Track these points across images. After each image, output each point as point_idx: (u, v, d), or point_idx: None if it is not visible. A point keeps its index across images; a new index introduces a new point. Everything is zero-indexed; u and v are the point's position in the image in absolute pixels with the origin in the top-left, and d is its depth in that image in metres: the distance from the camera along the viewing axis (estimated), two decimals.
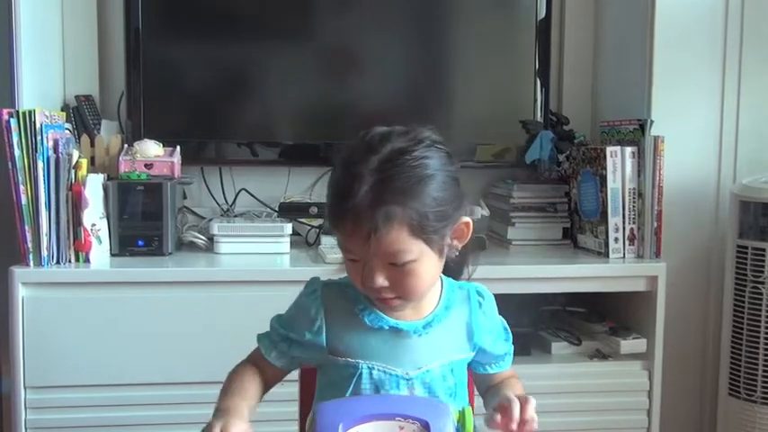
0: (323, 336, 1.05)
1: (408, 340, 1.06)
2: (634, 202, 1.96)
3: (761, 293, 1.86)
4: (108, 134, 2.01)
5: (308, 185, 2.28)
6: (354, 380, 1.04)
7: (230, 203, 2.21)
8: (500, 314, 1.18)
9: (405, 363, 1.05)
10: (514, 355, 1.98)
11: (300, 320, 1.07)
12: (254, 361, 1.13)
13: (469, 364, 1.14)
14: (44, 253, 1.71)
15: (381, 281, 0.99)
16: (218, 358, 1.72)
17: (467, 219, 1.05)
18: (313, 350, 1.07)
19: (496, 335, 1.15)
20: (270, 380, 1.12)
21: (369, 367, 1.04)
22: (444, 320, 1.08)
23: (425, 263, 1.00)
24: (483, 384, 1.18)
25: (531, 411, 1.00)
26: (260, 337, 1.13)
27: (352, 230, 0.97)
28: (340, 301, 1.07)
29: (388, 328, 1.05)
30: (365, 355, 1.05)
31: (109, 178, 1.86)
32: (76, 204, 1.74)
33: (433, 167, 1.00)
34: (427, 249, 0.99)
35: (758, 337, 1.86)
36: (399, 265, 0.98)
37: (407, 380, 1.05)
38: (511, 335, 1.18)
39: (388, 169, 0.97)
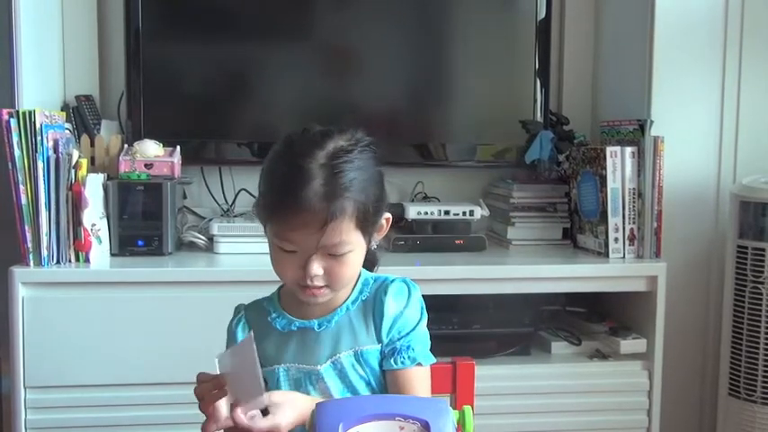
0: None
1: (314, 335, 1.11)
2: (634, 202, 1.96)
3: (761, 293, 1.86)
4: (108, 134, 2.01)
5: None
6: (275, 385, 1.10)
7: (230, 203, 2.21)
8: (500, 314, 1.18)
9: (315, 357, 1.10)
10: (514, 355, 1.99)
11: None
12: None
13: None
14: (44, 253, 1.71)
15: (318, 270, 1.04)
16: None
17: (389, 215, 1.14)
18: None
19: (392, 326, 1.11)
20: None
21: (285, 369, 1.11)
22: (350, 312, 1.12)
23: (359, 253, 1.08)
24: (388, 385, 1.13)
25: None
26: None
27: (303, 222, 1.01)
28: (259, 317, 1.15)
29: (296, 328, 1.12)
30: (280, 358, 1.11)
31: (109, 178, 1.86)
32: (76, 204, 1.74)
33: (370, 167, 1.08)
34: (362, 241, 1.07)
35: (758, 337, 1.86)
36: (338, 256, 1.04)
37: (317, 373, 1.10)
38: (419, 335, 1.13)
39: (335, 165, 1.03)
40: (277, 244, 1.05)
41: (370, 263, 1.18)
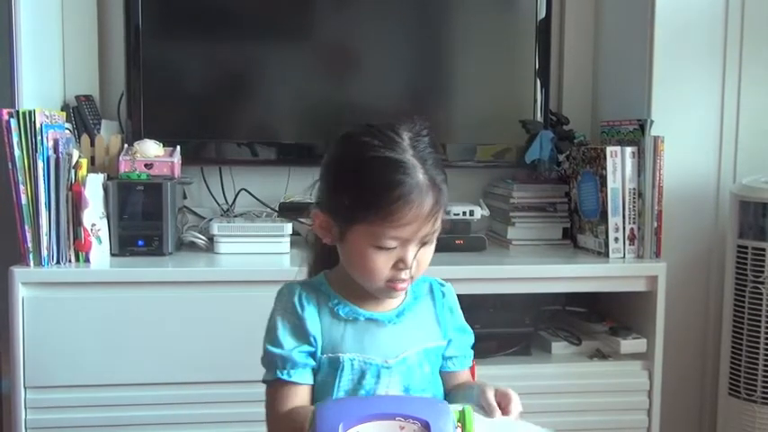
0: (318, 336, 1.07)
1: (384, 329, 1.09)
2: (634, 202, 1.96)
3: (761, 293, 1.86)
4: (108, 134, 2.01)
5: (308, 185, 2.27)
6: (338, 374, 1.06)
7: (230, 203, 2.21)
8: (500, 314, 1.19)
9: (383, 351, 1.08)
10: (515, 355, 2.00)
11: (302, 330, 1.06)
12: (289, 398, 1.06)
13: None
14: (44, 253, 1.71)
15: (413, 260, 1.03)
16: (218, 358, 1.73)
17: None
18: (317, 353, 1.07)
19: (460, 330, 1.17)
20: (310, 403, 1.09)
21: (350, 359, 1.07)
22: (414, 309, 1.12)
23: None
24: (445, 384, 1.18)
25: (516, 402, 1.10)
26: (279, 374, 1.06)
27: (416, 214, 1.00)
28: (316, 300, 1.09)
29: (363, 319, 1.09)
30: (345, 347, 1.07)
31: (109, 178, 1.86)
32: (76, 204, 1.74)
33: (439, 149, 1.08)
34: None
35: (758, 337, 1.86)
36: (428, 243, 1.05)
37: (387, 368, 1.08)
38: (472, 337, 1.20)
39: (423, 154, 1.03)
40: (374, 243, 1.02)
41: None
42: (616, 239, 1.95)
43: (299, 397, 1.06)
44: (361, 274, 1.06)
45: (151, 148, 1.89)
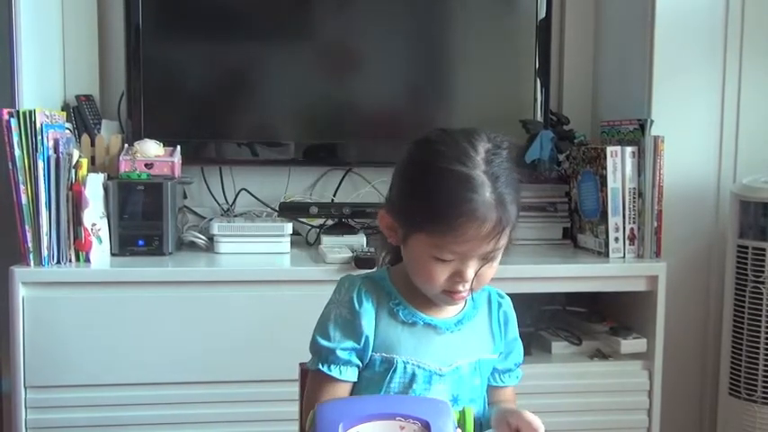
0: (371, 334, 1.06)
1: (441, 336, 1.08)
2: (634, 201, 1.96)
3: (761, 293, 1.86)
4: (108, 134, 2.01)
5: (309, 185, 2.28)
6: (389, 375, 1.05)
7: (230, 203, 2.21)
8: None
9: (437, 358, 1.07)
10: None
11: (357, 322, 1.05)
12: (329, 391, 1.06)
13: None
14: (44, 253, 1.71)
15: (472, 275, 1.02)
16: (218, 358, 1.73)
17: None
18: (366, 351, 1.06)
19: (515, 344, 1.16)
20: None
21: (404, 362, 1.06)
22: (473, 319, 1.11)
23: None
24: (489, 398, 1.17)
25: None
26: (320, 366, 1.06)
27: (477, 233, 0.98)
28: (378, 297, 1.08)
29: (422, 323, 1.07)
30: (400, 350, 1.06)
31: (109, 178, 1.86)
32: (77, 204, 1.74)
33: (515, 168, 1.05)
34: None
35: (758, 337, 1.86)
36: (491, 260, 1.03)
37: (440, 375, 1.06)
38: (522, 351, 1.18)
39: (496, 171, 1.00)
40: (434, 254, 1.01)
41: None
42: (616, 239, 1.95)
43: (337, 392, 1.06)
44: (419, 280, 1.05)
45: (151, 148, 1.89)
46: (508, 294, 1.15)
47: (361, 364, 1.06)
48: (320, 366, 1.05)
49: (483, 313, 1.13)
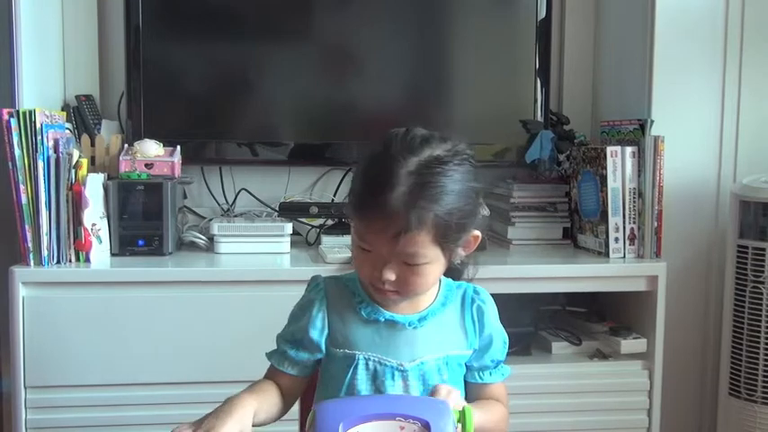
0: (326, 331, 1.09)
1: (404, 332, 1.09)
2: (634, 201, 1.96)
3: (761, 293, 1.86)
4: (108, 134, 2.01)
5: (309, 185, 2.28)
6: (351, 370, 1.07)
7: (230, 203, 2.21)
8: (500, 314, 1.17)
9: (400, 354, 1.08)
10: (515, 355, 1.99)
11: (305, 318, 1.10)
12: (269, 376, 1.15)
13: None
14: (44, 253, 1.71)
15: (390, 276, 1.03)
16: (218, 358, 1.73)
17: (477, 232, 1.08)
18: (317, 349, 1.10)
19: (490, 340, 1.14)
20: (287, 390, 1.13)
21: (365, 358, 1.08)
22: (439, 315, 1.11)
23: (435, 266, 1.04)
24: (471, 397, 1.16)
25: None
26: (269, 355, 1.15)
27: (381, 227, 0.99)
28: (340, 294, 1.12)
29: (384, 320, 1.09)
30: (362, 346, 1.08)
31: (109, 178, 1.86)
32: (77, 204, 1.74)
33: (464, 181, 1.04)
34: (441, 255, 1.04)
35: (758, 337, 1.86)
36: (412, 265, 1.02)
37: (402, 371, 1.08)
38: (507, 348, 1.17)
39: (425, 174, 1.00)
40: (356, 241, 1.05)
41: (453, 274, 1.15)
42: (616, 239, 1.95)
43: (280, 381, 1.12)
44: (354, 268, 1.09)
45: (151, 148, 1.89)
46: (508, 294, 1.15)
47: (303, 359, 1.11)
48: (269, 358, 1.14)
49: (454, 309, 1.13)
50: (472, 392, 1.15)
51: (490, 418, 1.10)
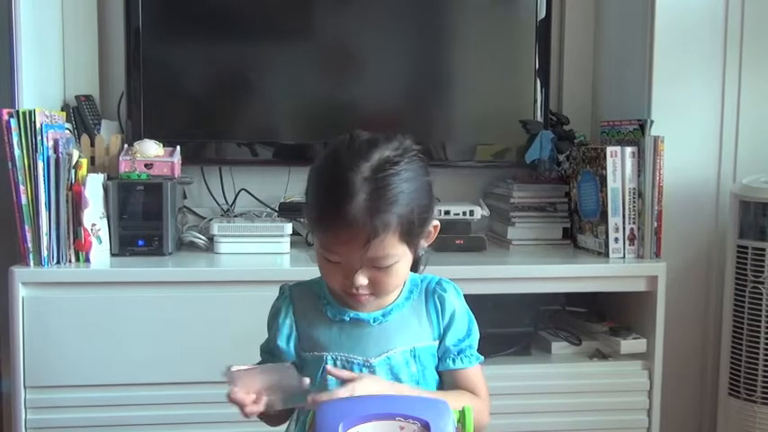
0: (293, 337, 1.13)
1: (368, 329, 1.11)
2: (634, 202, 1.96)
3: (761, 293, 1.86)
4: (108, 134, 2.01)
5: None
6: (321, 372, 1.09)
7: (230, 203, 2.21)
8: (500, 314, 1.19)
9: (366, 350, 1.11)
10: (515, 355, 1.99)
11: (273, 328, 1.15)
12: None
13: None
14: (44, 253, 1.71)
15: (363, 281, 1.04)
16: (218, 358, 1.72)
17: (436, 222, 1.11)
18: (288, 356, 1.13)
19: (451, 323, 1.15)
20: None
21: (332, 357, 1.10)
22: (404, 309, 1.13)
23: (404, 263, 1.07)
24: (446, 387, 1.17)
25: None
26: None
27: (346, 237, 1.00)
28: (306, 299, 1.15)
29: (348, 319, 1.11)
30: (329, 346, 1.11)
31: (109, 178, 1.86)
32: (76, 204, 1.74)
33: (417, 177, 1.05)
34: (407, 251, 1.06)
35: (758, 337, 1.86)
36: (383, 267, 1.04)
37: (369, 366, 1.10)
38: (476, 334, 1.17)
39: (380, 178, 1.01)
40: (323, 254, 1.05)
41: (414, 265, 1.16)
42: (616, 239, 1.95)
43: None
44: (324, 279, 1.11)
45: (151, 148, 1.89)
46: (508, 294, 1.16)
47: (297, 362, 1.12)
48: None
49: (418, 302, 1.15)
50: (447, 382, 1.16)
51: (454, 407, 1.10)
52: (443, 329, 1.15)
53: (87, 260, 1.76)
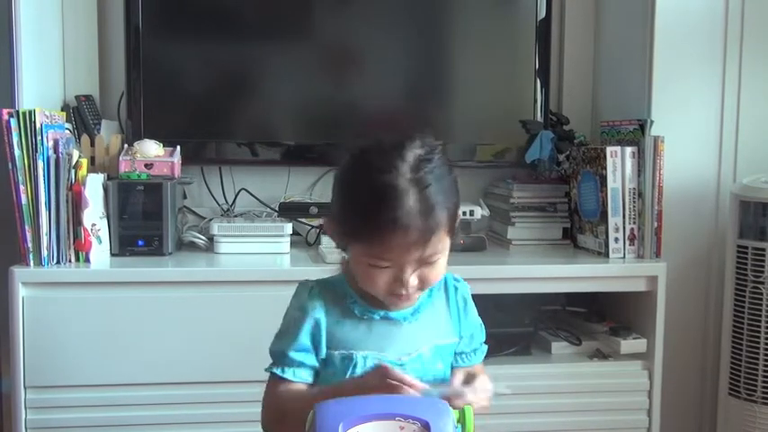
0: (323, 335, 1.10)
1: (399, 327, 1.11)
2: (634, 202, 1.96)
3: (761, 293, 1.86)
4: (108, 134, 2.01)
5: (308, 185, 2.28)
6: (350, 371, 1.08)
7: (230, 203, 2.21)
8: (500, 314, 1.20)
9: (396, 349, 1.10)
10: (515, 355, 1.99)
11: (306, 324, 1.10)
12: (282, 395, 1.10)
13: None
14: (44, 253, 1.71)
15: (415, 281, 1.04)
16: (218, 358, 1.73)
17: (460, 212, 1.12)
18: (319, 354, 1.10)
19: (476, 327, 1.19)
20: None
21: (363, 357, 1.09)
22: (429, 307, 1.13)
23: (445, 256, 1.07)
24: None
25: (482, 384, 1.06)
26: (274, 369, 1.11)
27: (401, 241, 0.99)
28: (333, 297, 1.12)
29: (379, 318, 1.10)
30: (359, 345, 1.10)
31: (109, 178, 1.86)
32: (76, 204, 1.74)
33: (448, 169, 1.06)
34: (448, 244, 1.07)
35: (758, 337, 1.86)
36: (431, 263, 1.04)
37: (401, 365, 1.09)
38: (485, 332, 1.21)
39: (422, 177, 1.01)
40: (369, 262, 1.04)
41: None
42: (616, 239, 1.95)
43: (291, 392, 1.10)
44: (363, 286, 1.08)
45: (151, 148, 1.89)
46: (508, 294, 1.16)
47: (316, 365, 1.10)
48: (274, 370, 1.10)
49: (440, 299, 1.16)
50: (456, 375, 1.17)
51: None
52: (469, 330, 1.17)
53: (87, 260, 1.76)
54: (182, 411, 1.73)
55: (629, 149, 1.95)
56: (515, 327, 1.96)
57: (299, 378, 1.10)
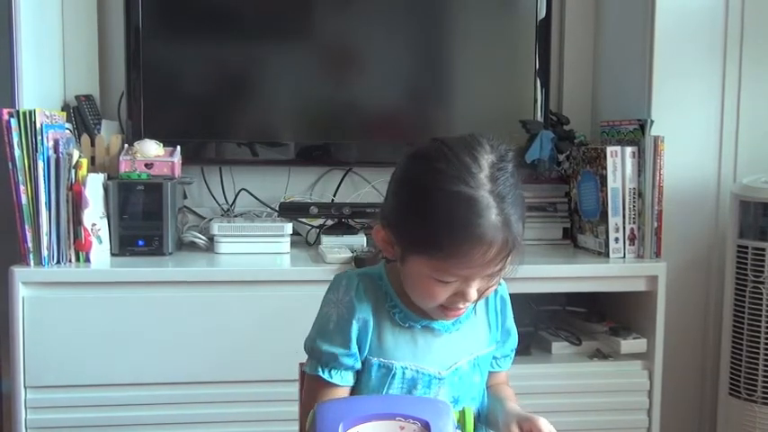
0: (369, 339, 1.03)
1: (440, 338, 1.05)
2: (634, 202, 1.96)
3: (761, 293, 1.85)
4: (108, 134, 2.01)
5: (309, 185, 2.28)
6: (389, 380, 1.04)
7: (230, 203, 2.21)
8: None
9: (436, 362, 1.05)
10: (515, 354, 1.98)
11: (358, 324, 1.02)
12: (324, 396, 1.03)
13: None
14: (44, 253, 1.71)
15: (475, 295, 0.98)
16: (218, 358, 1.73)
17: None
18: (363, 354, 1.04)
19: (511, 332, 1.15)
20: None
21: (402, 368, 1.04)
22: (471, 316, 1.08)
23: None
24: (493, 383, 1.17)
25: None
26: (320, 372, 1.03)
27: (479, 255, 0.92)
28: (375, 297, 1.04)
29: (420, 327, 1.04)
30: (399, 355, 1.04)
31: (109, 178, 1.86)
32: (77, 204, 1.74)
33: (518, 178, 0.98)
34: None
35: (758, 337, 1.86)
36: (494, 275, 0.97)
37: (440, 379, 1.05)
38: (517, 338, 1.17)
39: (501, 190, 0.94)
40: (435, 276, 0.96)
41: None
42: (616, 239, 1.95)
43: (335, 396, 1.04)
44: (416, 297, 1.01)
45: (151, 148, 1.89)
46: (508, 294, 1.14)
47: (359, 368, 1.04)
48: (320, 372, 1.03)
49: (480, 305, 1.09)
50: (491, 378, 1.16)
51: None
52: (504, 334, 1.13)
53: (87, 260, 1.76)
54: (182, 411, 1.73)
55: (629, 149, 1.95)
56: (515, 327, 1.96)
57: (346, 383, 1.04)
